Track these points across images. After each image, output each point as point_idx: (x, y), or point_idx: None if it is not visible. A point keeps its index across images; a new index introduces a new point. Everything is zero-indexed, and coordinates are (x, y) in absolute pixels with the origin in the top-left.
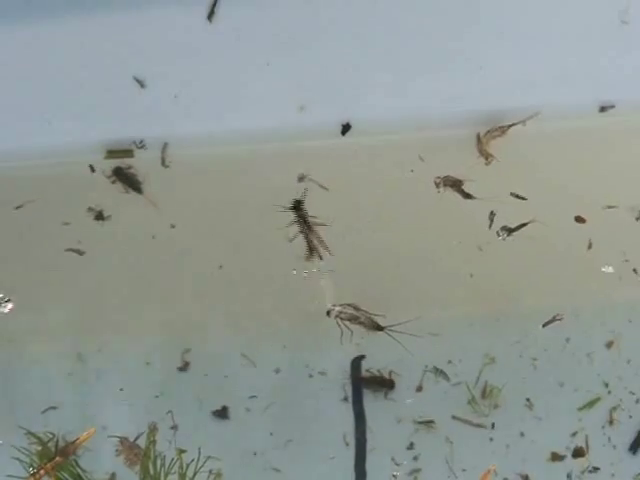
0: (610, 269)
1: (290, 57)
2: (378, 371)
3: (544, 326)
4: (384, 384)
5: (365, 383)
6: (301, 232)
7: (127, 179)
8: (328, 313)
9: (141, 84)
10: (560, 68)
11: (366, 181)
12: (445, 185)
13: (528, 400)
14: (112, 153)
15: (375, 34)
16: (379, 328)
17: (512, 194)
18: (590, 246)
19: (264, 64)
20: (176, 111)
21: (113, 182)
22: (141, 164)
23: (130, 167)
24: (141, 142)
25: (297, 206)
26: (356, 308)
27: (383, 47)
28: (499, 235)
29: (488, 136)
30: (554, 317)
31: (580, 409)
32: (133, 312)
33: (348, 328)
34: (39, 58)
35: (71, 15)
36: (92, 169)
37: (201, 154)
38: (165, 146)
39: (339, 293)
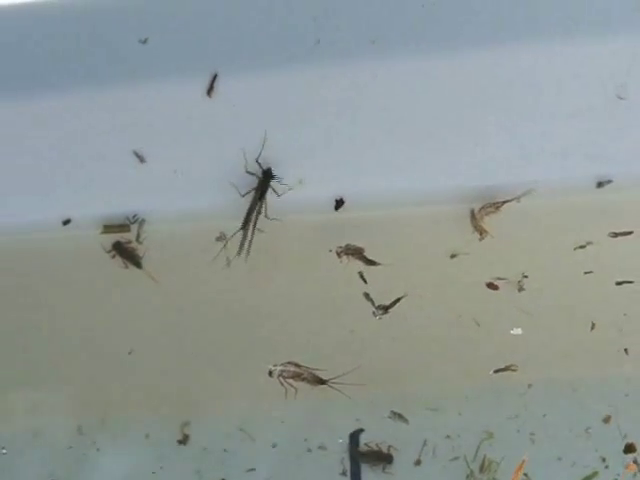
0: (519, 331)
1: (289, 132)
2: (376, 445)
3: (496, 372)
4: (382, 458)
5: (363, 457)
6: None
7: (127, 254)
8: (270, 373)
9: (141, 159)
10: (557, 144)
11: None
12: (347, 254)
13: (526, 475)
14: (108, 228)
15: (372, 110)
16: (322, 382)
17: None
18: (593, 327)
19: (263, 139)
20: (176, 186)
21: (113, 257)
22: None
23: (130, 242)
24: (134, 217)
25: (268, 174)
26: (297, 365)
27: (380, 123)
28: (375, 315)
29: (482, 212)
30: (507, 366)
31: None
32: (133, 385)
33: (292, 386)
34: (38, 132)
35: (70, 90)
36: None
37: (201, 228)
38: (143, 222)
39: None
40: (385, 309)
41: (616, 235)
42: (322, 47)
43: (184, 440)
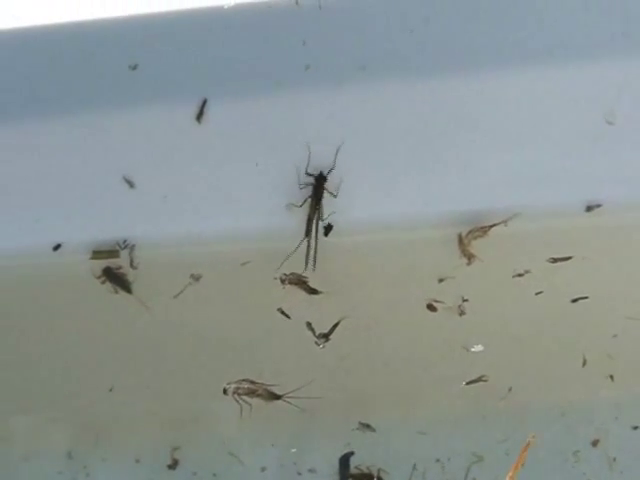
0: (479, 347)
1: (278, 157)
2: (367, 468)
3: (467, 384)
4: None
5: None
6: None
7: (117, 279)
8: (225, 391)
9: (130, 184)
10: (545, 168)
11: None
12: (290, 283)
13: None
14: (98, 254)
15: (362, 135)
16: (277, 397)
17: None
18: (585, 363)
19: (253, 165)
20: (166, 211)
21: (103, 282)
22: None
23: (120, 267)
24: (124, 242)
25: (320, 178)
26: (252, 382)
27: (368, 148)
28: (318, 344)
29: (470, 236)
30: (479, 377)
31: None
32: (124, 410)
33: (247, 402)
34: (27, 157)
35: (60, 115)
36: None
37: (191, 254)
38: (133, 247)
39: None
40: (326, 337)
41: (555, 260)
42: (312, 72)
43: (174, 465)
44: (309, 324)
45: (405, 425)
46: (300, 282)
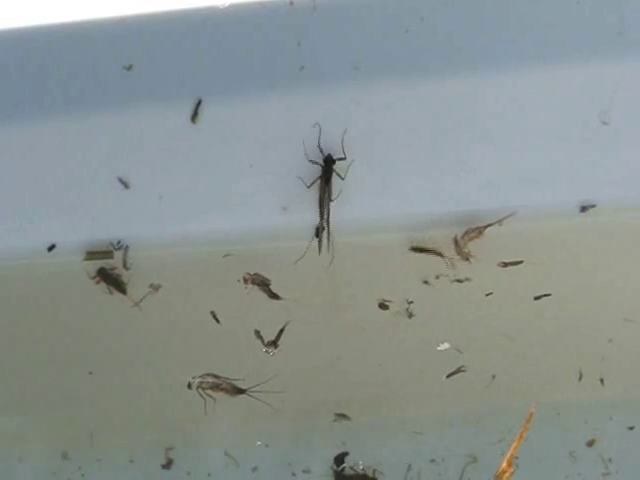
0: (446, 345)
1: (273, 158)
2: (362, 469)
3: (448, 377)
4: None
5: None
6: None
7: (111, 280)
8: (189, 385)
9: (125, 185)
10: (541, 169)
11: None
12: (253, 283)
13: None
14: (92, 255)
15: (358, 137)
16: (241, 392)
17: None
18: (581, 364)
19: (247, 165)
20: (161, 212)
21: (97, 283)
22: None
23: (114, 268)
24: (119, 243)
25: (329, 160)
26: (216, 376)
27: (363, 149)
28: (268, 352)
29: (466, 237)
30: (458, 368)
31: None
32: (118, 411)
33: (211, 397)
34: (22, 158)
35: (54, 116)
36: None
37: (185, 254)
38: (127, 248)
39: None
40: (274, 344)
41: (506, 265)
42: (306, 73)
43: (168, 465)
44: (257, 332)
45: (400, 425)
46: (262, 284)
